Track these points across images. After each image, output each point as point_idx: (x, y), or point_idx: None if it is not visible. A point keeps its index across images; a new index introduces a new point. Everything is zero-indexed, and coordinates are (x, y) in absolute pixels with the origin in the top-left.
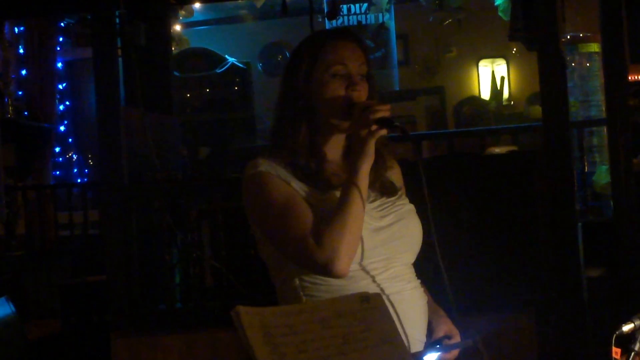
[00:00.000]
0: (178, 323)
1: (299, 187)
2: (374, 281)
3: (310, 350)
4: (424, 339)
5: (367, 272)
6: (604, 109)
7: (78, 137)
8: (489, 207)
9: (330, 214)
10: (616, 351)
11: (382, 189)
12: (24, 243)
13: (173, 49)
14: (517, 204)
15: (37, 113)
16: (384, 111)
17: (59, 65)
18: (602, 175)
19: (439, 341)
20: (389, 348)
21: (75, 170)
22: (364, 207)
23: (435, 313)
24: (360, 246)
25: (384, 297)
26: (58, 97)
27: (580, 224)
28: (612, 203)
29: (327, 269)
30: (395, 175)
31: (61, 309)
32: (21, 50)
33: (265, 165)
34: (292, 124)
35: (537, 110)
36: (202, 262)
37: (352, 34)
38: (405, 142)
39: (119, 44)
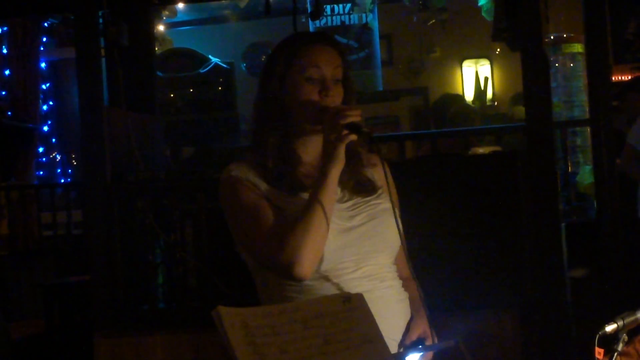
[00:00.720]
0: (161, 323)
1: (267, 190)
2: (345, 280)
3: (291, 351)
4: (398, 338)
5: (337, 272)
6: (587, 109)
7: (61, 137)
8: (472, 207)
9: (296, 215)
10: (599, 351)
11: (358, 188)
12: (7, 243)
13: (156, 49)
14: (501, 204)
15: (20, 113)
16: (354, 116)
17: (43, 65)
18: (585, 176)
19: (420, 342)
20: (370, 348)
21: (59, 170)
22: (330, 211)
23: (416, 313)
24: (328, 246)
25: None
26: (42, 97)
27: (563, 224)
28: (595, 203)
29: (288, 272)
30: (378, 173)
31: (44, 309)
32: (4, 50)
33: (236, 170)
34: (265, 126)
35: (520, 110)
36: (185, 262)
37: (328, 38)
38: (389, 142)
39: (102, 44)
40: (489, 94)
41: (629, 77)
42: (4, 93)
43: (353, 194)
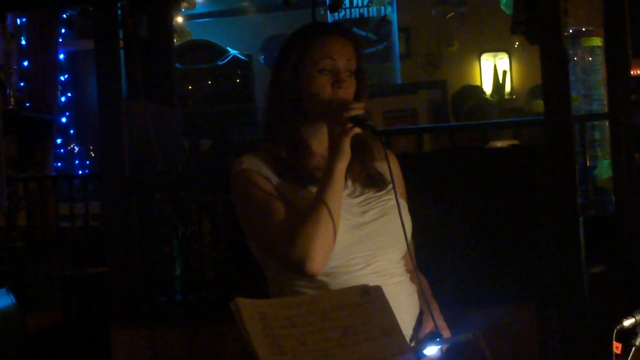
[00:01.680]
0: (178, 315)
1: (279, 183)
2: (355, 276)
3: (309, 343)
4: (409, 332)
5: (348, 268)
6: (605, 103)
7: (79, 128)
8: (490, 200)
9: (306, 211)
10: (617, 346)
11: (369, 182)
12: (24, 234)
13: (175, 41)
14: (519, 197)
15: (38, 104)
16: (357, 109)
17: (61, 56)
18: (603, 170)
19: (437, 334)
20: (388, 341)
21: (77, 161)
22: (338, 206)
23: (426, 307)
24: (339, 242)
25: None
26: (60, 88)
27: (581, 218)
28: (613, 197)
29: (299, 268)
30: (387, 168)
31: (61, 300)
32: (23, 42)
33: (247, 163)
34: (278, 116)
35: (538, 104)
36: (202, 254)
37: (343, 30)
38: (407, 135)
39: (121, 36)
40: (507, 88)
41: None
42: (22, 84)
43: (364, 188)
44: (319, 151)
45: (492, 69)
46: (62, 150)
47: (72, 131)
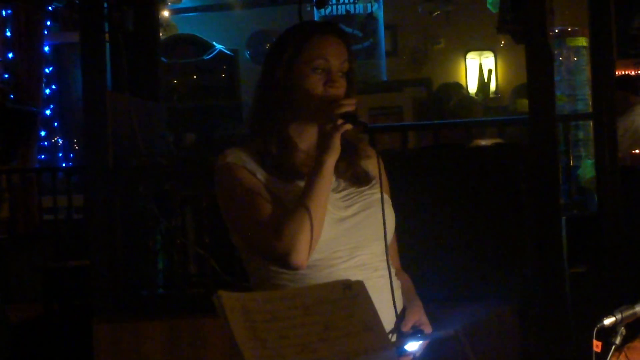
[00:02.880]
0: (160, 309)
1: (265, 178)
2: (338, 269)
3: (291, 337)
4: (390, 327)
5: (331, 261)
6: (590, 103)
7: (64, 121)
8: (474, 198)
9: (293, 205)
10: (597, 344)
11: (354, 178)
12: (7, 226)
13: (161, 34)
14: (502, 196)
15: (23, 96)
16: (348, 106)
17: (46, 49)
18: (587, 170)
19: (418, 330)
20: (370, 335)
21: (61, 154)
22: (326, 200)
23: (410, 302)
24: (322, 235)
25: None
26: (44, 80)
27: (564, 217)
28: (596, 197)
29: (284, 261)
30: (371, 165)
31: (44, 293)
32: (8, 34)
33: (232, 156)
34: (267, 112)
35: (523, 103)
36: (185, 248)
37: (338, 30)
38: (391, 132)
39: (107, 29)
40: (492, 86)
41: (633, 72)
42: (7, 76)
43: (348, 184)
44: (304, 148)
45: (478, 68)
46: (46, 143)
47: (56, 124)
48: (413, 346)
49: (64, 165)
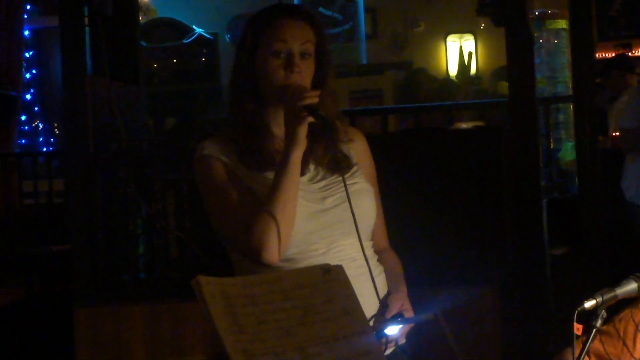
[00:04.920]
0: (141, 293)
1: (239, 168)
2: (316, 262)
3: (270, 321)
4: (370, 315)
5: (308, 254)
6: (570, 86)
7: (44, 105)
8: (455, 181)
9: (261, 201)
10: (577, 327)
11: (333, 164)
12: None
13: (140, 18)
14: (483, 179)
15: (3, 81)
16: (311, 98)
17: (26, 33)
18: (567, 152)
19: (399, 314)
20: (349, 320)
21: (41, 138)
22: (295, 194)
23: (395, 288)
24: (299, 230)
25: None
26: (25, 65)
27: (545, 200)
28: (577, 180)
29: (255, 258)
30: (355, 149)
31: (24, 277)
32: None
33: (208, 149)
34: (236, 100)
35: (503, 85)
36: (166, 232)
37: (300, 12)
38: (372, 115)
39: (86, 13)
40: (473, 69)
41: (613, 55)
42: None
43: (327, 171)
44: (279, 134)
45: (458, 51)
46: (26, 128)
47: (36, 108)
48: (393, 330)
49: (44, 149)
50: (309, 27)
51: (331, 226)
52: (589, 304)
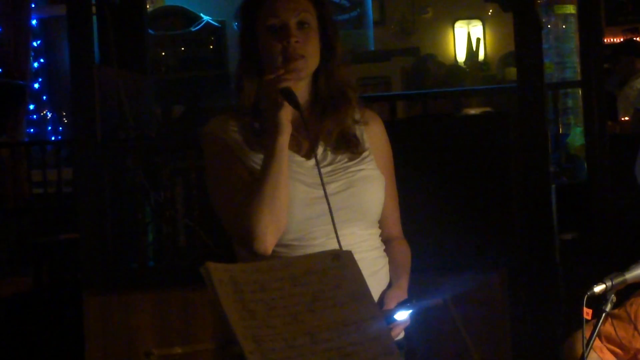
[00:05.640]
0: (150, 282)
1: (242, 148)
2: (314, 251)
3: (279, 307)
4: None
5: (308, 241)
6: (579, 70)
7: (52, 94)
8: (463, 167)
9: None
10: (587, 311)
11: (342, 144)
12: None
13: (148, 7)
14: (491, 164)
15: (11, 70)
16: (284, 81)
17: (34, 22)
18: (576, 137)
19: (408, 300)
20: (359, 306)
21: (50, 127)
22: (285, 182)
23: (395, 282)
24: (296, 215)
25: None
26: (32, 54)
27: (553, 185)
28: (585, 165)
29: (248, 246)
30: (369, 132)
31: (33, 266)
32: None
33: (214, 125)
34: (240, 81)
35: (511, 71)
36: (175, 220)
37: None
38: (380, 102)
39: (94, 1)
40: (481, 55)
41: (621, 39)
42: None
43: (336, 153)
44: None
45: (466, 37)
46: (34, 117)
47: (44, 97)
48: (402, 316)
49: (53, 138)
50: None
51: (334, 212)
52: (598, 288)
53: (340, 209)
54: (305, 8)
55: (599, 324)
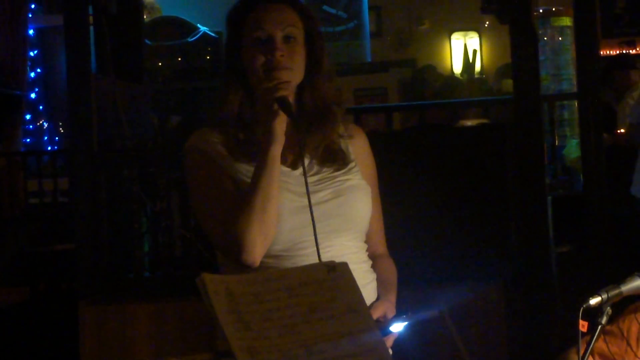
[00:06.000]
0: (146, 292)
1: (225, 160)
2: (303, 261)
3: (275, 319)
4: None
5: (296, 252)
6: (575, 82)
7: (49, 104)
8: (459, 179)
9: (240, 200)
10: (583, 324)
11: (328, 157)
12: None
13: (145, 17)
14: (487, 176)
15: (7, 80)
16: (281, 90)
17: (30, 32)
18: (572, 149)
19: (404, 312)
20: (354, 317)
21: (46, 137)
22: (276, 192)
23: (383, 296)
24: (285, 225)
25: None
26: (29, 64)
27: (549, 197)
28: (581, 177)
29: (236, 258)
30: (355, 145)
31: (30, 276)
32: None
33: (197, 139)
34: (224, 93)
35: (508, 83)
36: (171, 231)
37: None
38: (376, 113)
39: (91, 12)
40: (477, 67)
41: (617, 52)
42: None
43: (322, 165)
44: None
45: (463, 48)
46: (31, 126)
47: (41, 107)
48: (398, 327)
49: (49, 148)
50: (291, 10)
51: (321, 222)
52: (594, 301)
53: (328, 217)
54: (292, 22)
55: (594, 337)
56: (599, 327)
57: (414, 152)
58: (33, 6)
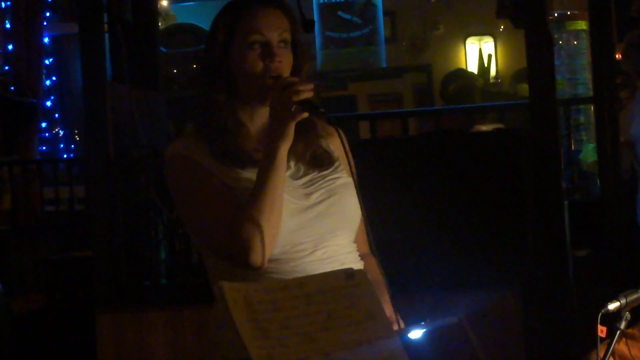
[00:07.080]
0: (163, 299)
1: (215, 166)
2: (303, 263)
3: (293, 327)
4: None
5: (295, 254)
6: (591, 87)
7: (64, 112)
8: (475, 184)
9: (245, 199)
10: (602, 329)
11: (315, 160)
12: (9, 218)
13: (160, 24)
14: (504, 181)
15: (23, 88)
16: (307, 92)
17: (46, 40)
18: (588, 154)
19: (423, 318)
20: (373, 324)
21: (62, 145)
22: (281, 192)
23: (380, 296)
24: (283, 228)
25: None
26: (45, 72)
27: (566, 201)
28: (598, 181)
29: (243, 261)
30: (334, 143)
31: (46, 284)
32: (8, 25)
33: (180, 147)
34: (209, 98)
35: (523, 87)
36: (187, 238)
37: (272, 0)
38: (392, 119)
39: (106, 19)
40: (493, 71)
41: None
42: (7, 68)
43: (309, 167)
44: (255, 132)
45: (478, 53)
46: (47, 134)
47: (57, 115)
48: (416, 334)
49: (65, 156)
50: (283, 15)
51: (318, 222)
52: (612, 305)
53: (324, 217)
54: (286, 27)
55: (613, 342)
56: (618, 332)
57: (429, 157)
58: (48, 14)
